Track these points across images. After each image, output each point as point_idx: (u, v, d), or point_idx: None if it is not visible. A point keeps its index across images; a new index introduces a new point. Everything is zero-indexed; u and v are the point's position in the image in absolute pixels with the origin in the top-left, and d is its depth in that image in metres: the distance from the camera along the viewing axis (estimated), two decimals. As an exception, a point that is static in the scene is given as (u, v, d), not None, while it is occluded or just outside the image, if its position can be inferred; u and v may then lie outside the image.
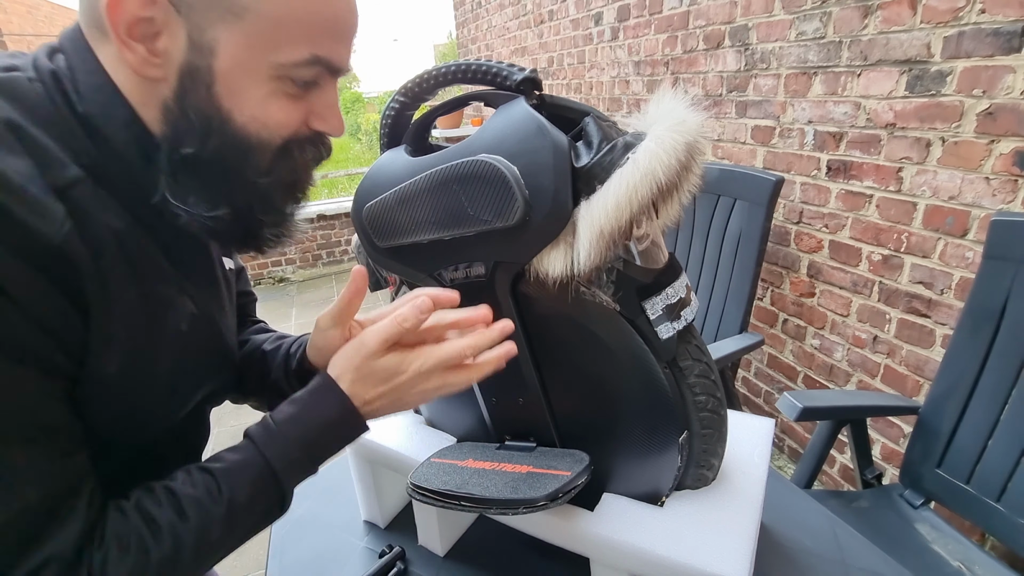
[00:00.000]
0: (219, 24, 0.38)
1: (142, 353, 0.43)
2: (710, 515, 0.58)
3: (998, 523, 0.98)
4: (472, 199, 0.54)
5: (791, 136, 1.64)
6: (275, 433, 0.46)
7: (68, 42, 0.42)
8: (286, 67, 0.41)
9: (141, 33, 0.38)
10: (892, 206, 1.38)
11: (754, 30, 1.69)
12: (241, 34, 0.38)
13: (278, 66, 0.40)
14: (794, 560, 0.68)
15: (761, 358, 1.95)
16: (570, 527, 0.59)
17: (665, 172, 0.46)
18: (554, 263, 0.51)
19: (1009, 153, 1.12)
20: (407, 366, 0.48)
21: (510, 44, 3.77)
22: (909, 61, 1.28)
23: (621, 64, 2.45)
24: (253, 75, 0.40)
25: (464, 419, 0.71)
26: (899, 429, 1.47)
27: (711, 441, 0.60)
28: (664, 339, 0.55)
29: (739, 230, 1.58)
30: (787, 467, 1.88)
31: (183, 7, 0.38)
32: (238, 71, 0.40)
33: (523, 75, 0.56)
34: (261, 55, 0.40)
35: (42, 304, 0.35)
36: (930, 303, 1.34)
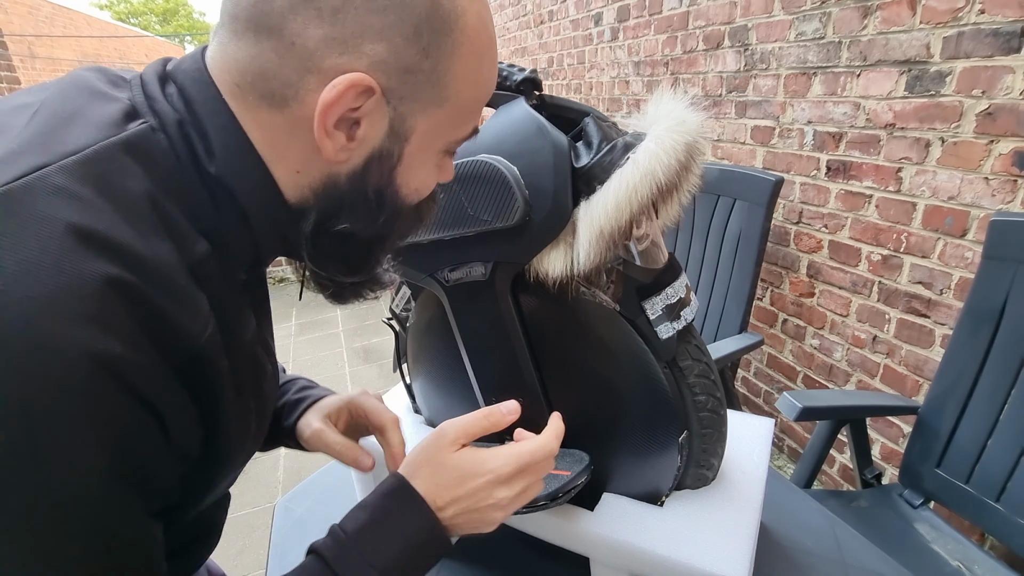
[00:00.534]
0: (420, 113, 0.38)
1: (241, 422, 0.41)
2: (710, 515, 0.59)
3: (997, 523, 0.98)
4: (472, 199, 0.54)
5: (791, 136, 1.64)
6: (340, 541, 0.41)
7: (191, 83, 0.37)
8: (457, 142, 0.42)
9: (344, 121, 0.36)
10: (891, 206, 1.38)
11: (754, 30, 1.69)
12: (436, 120, 0.38)
13: (452, 143, 0.41)
14: (794, 560, 0.68)
15: (761, 358, 1.96)
16: (570, 527, 0.59)
17: (665, 172, 0.46)
18: (554, 263, 0.51)
19: (1008, 153, 1.12)
20: (482, 466, 0.45)
21: (510, 44, 3.77)
22: (909, 61, 1.28)
23: (621, 64, 2.45)
24: (432, 153, 0.41)
25: (464, 419, 0.71)
26: (898, 429, 1.48)
27: (711, 441, 0.60)
28: (664, 339, 0.55)
29: (739, 230, 1.58)
30: (787, 467, 1.88)
31: (393, 98, 0.36)
32: (422, 151, 0.40)
33: (523, 75, 0.56)
34: (445, 136, 0.40)
35: (180, 409, 0.33)
36: (929, 303, 1.34)
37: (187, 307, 0.33)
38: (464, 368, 0.65)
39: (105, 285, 0.28)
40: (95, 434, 0.28)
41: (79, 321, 0.27)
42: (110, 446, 0.29)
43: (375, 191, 0.39)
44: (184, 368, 0.33)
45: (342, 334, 3.19)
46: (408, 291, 0.70)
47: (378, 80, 0.35)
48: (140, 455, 0.31)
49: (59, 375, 0.27)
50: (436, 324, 0.66)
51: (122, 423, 0.30)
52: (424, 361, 0.72)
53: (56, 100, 0.35)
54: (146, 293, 0.30)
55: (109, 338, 0.28)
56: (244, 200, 0.38)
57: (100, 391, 0.28)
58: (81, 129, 0.33)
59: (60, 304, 0.27)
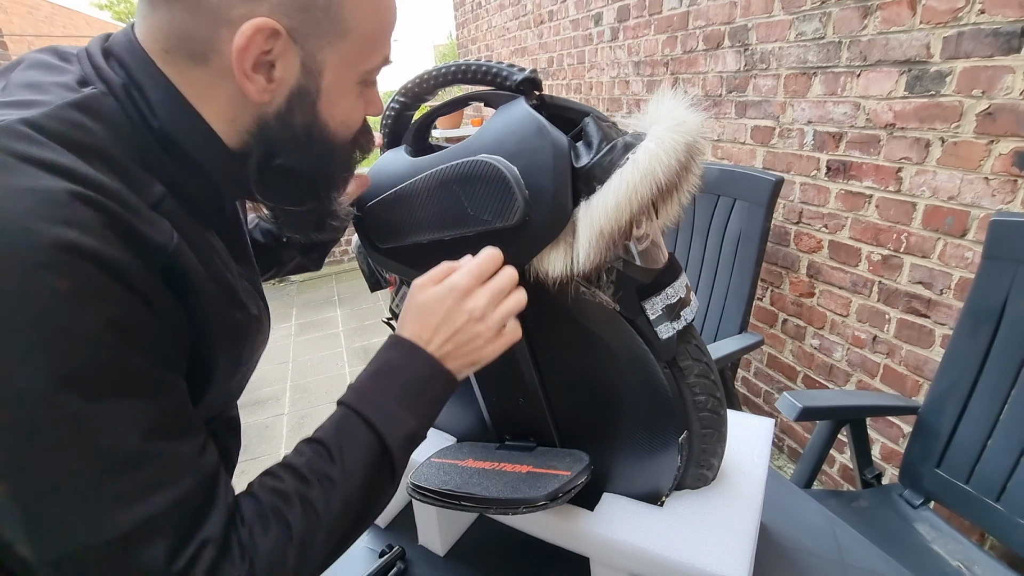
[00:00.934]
0: (327, 47, 0.42)
1: (233, 340, 0.47)
2: (710, 515, 0.59)
3: (997, 523, 0.98)
4: (472, 199, 0.54)
5: (791, 136, 1.64)
6: (355, 388, 0.48)
7: (127, 55, 0.42)
8: (371, 71, 0.45)
9: (260, 64, 0.41)
10: (891, 206, 1.38)
11: (754, 30, 1.69)
12: (341, 53, 0.42)
13: (365, 73, 0.45)
14: (794, 560, 0.68)
15: (761, 358, 1.96)
16: (570, 527, 0.59)
17: (665, 172, 0.46)
18: (554, 263, 0.51)
19: (1008, 153, 1.12)
20: (443, 289, 0.49)
21: (510, 44, 3.77)
22: (909, 61, 1.28)
23: (621, 64, 2.45)
24: (347, 85, 0.44)
25: (464, 419, 0.71)
26: (898, 429, 1.48)
27: (711, 441, 0.60)
28: (664, 339, 0.55)
29: (739, 230, 1.58)
30: (787, 467, 1.88)
31: (299, 37, 0.41)
32: (338, 84, 0.44)
33: (523, 75, 0.56)
34: (355, 67, 0.44)
35: (170, 312, 0.39)
36: (929, 303, 1.34)
37: (149, 223, 0.38)
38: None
39: (73, 197, 0.33)
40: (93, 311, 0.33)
41: (54, 222, 0.32)
42: (102, 318, 0.33)
43: (302, 127, 0.44)
44: (163, 274, 0.38)
45: (342, 334, 3.19)
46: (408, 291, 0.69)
47: (281, 22, 0.39)
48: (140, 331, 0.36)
49: (42, 260, 0.31)
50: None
51: (112, 300, 0.34)
52: (424, 361, 0.72)
53: (18, 76, 0.41)
54: (110, 207, 0.35)
55: (84, 235, 0.33)
56: (190, 150, 0.43)
57: (82, 271, 0.33)
58: (40, 95, 0.38)
59: (33, 213, 0.32)
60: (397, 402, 0.47)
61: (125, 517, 0.34)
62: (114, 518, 0.33)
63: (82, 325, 0.32)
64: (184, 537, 0.36)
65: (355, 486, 0.44)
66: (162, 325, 0.38)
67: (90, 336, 0.33)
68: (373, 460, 0.45)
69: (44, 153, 0.34)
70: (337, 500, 0.42)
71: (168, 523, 0.35)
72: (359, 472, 0.44)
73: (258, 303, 0.54)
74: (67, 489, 0.33)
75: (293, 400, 2.51)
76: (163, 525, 0.35)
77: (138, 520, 0.34)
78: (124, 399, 0.34)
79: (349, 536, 0.45)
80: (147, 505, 0.34)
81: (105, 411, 0.33)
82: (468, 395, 0.67)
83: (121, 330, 0.34)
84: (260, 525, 0.40)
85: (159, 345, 0.37)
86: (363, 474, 0.44)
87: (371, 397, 0.47)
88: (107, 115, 0.40)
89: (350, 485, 0.43)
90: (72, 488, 0.33)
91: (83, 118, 0.38)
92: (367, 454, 0.45)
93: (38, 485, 0.32)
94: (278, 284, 4.08)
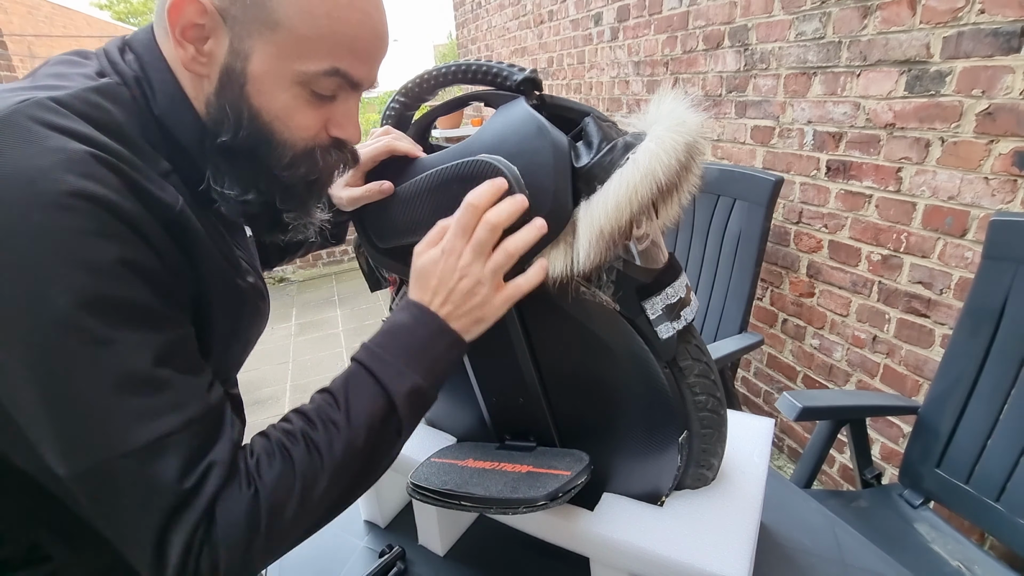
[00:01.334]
0: (256, 35, 0.44)
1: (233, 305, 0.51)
2: (710, 515, 0.59)
3: (997, 523, 0.98)
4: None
5: (791, 136, 1.64)
6: (367, 346, 0.50)
7: (140, 45, 0.48)
8: (308, 75, 0.46)
9: (193, 36, 0.45)
10: (891, 206, 1.38)
11: (754, 30, 1.69)
12: (273, 44, 0.44)
13: (301, 74, 0.45)
14: (794, 560, 0.68)
15: (761, 358, 1.96)
16: (570, 527, 0.59)
17: (665, 172, 0.46)
18: (554, 263, 0.51)
19: (1008, 153, 1.12)
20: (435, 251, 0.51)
21: (510, 44, 3.77)
22: (908, 61, 1.28)
23: (621, 64, 2.45)
24: (280, 80, 0.46)
25: (464, 419, 0.71)
26: (898, 429, 1.48)
27: (711, 441, 0.60)
28: (664, 339, 0.55)
29: (739, 230, 1.58)
30: (787, 467, 1.88)
31: (229, 18, 0.44)
32: (268, 75, 0.45)
33: (523, 75, 0.56)
34: (287, 63, 0.45)
35: (176, 265, 0.43)
36: (929, 303, 1.34)
37: (159, 186, 0.43)
38: (464, 368, 0.65)
39: (92, 157, 0.38)
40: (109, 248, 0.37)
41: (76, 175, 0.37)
42: (116, 255, 0.37)
43: (232, 106, 0.46)
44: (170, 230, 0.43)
45: (342, 334, 3.18)
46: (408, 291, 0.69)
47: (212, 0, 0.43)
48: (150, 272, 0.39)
49: (65, 203, 0.36)
50: (436, 324, 0.66)
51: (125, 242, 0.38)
52: (424, 361, 0.72)
53: (45, 70, 0.47)
54: (124, 168, 0.40)
55: (100, 187, 0.37)
56: (179, 134, 0.48)
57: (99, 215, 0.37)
58: (65, 82, 0.44)
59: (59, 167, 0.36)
60: (403, 359, 0.49)
61: (140, 433, 0.37)
62: (131, 433, 0.37)
63: (100, 259, 0.37)
64: (194, 457, 0.39)
65: (360, 436, 0.46)
66: (169, 273, 0.41)
67: (106, 269, 0.37)
68: (378, 412, 0.47)
69: (68, 123, 0.39)
70: (341, 445, 0.45)
71: (179, 443, 0.39)
72: (364, 422, 0.46)
73: (255, 277, 0.57)
74: (89, 402, 0.37)
75: (293, 400, 2.51)
76: (174, 444, 0.38)
77: (152, 437, 0.37)
78: (137, 329, 0.38)
79: (352, 489, 0.47)
80: (160, 423, 0.38)
81: (121, 336, 0.37)
82: (468, 395, 0.67)
83: (133, 267, 0.38)
84: (267, 457, 0.43)
85: (167, 288, 0.41)
86: (368, 424, 0.46)
87: (379, 353, 0.49)
88: (122, 101, 0.45)
89: (354, 434, 0.45)
90: (93, 402, 0.37)
91: (101, 100, 0.43)
92: (372, 406, 0.47)
93: (65, 396, 0.36)
94: (277, 284, 4.08)
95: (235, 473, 0.41)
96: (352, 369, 0.49)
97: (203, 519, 0.38)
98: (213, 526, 0.39)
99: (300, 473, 0.43)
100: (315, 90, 0.47)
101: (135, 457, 0.37)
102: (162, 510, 0.37)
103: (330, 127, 0.50)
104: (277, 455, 0.43)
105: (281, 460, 0.43)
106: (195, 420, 0.40)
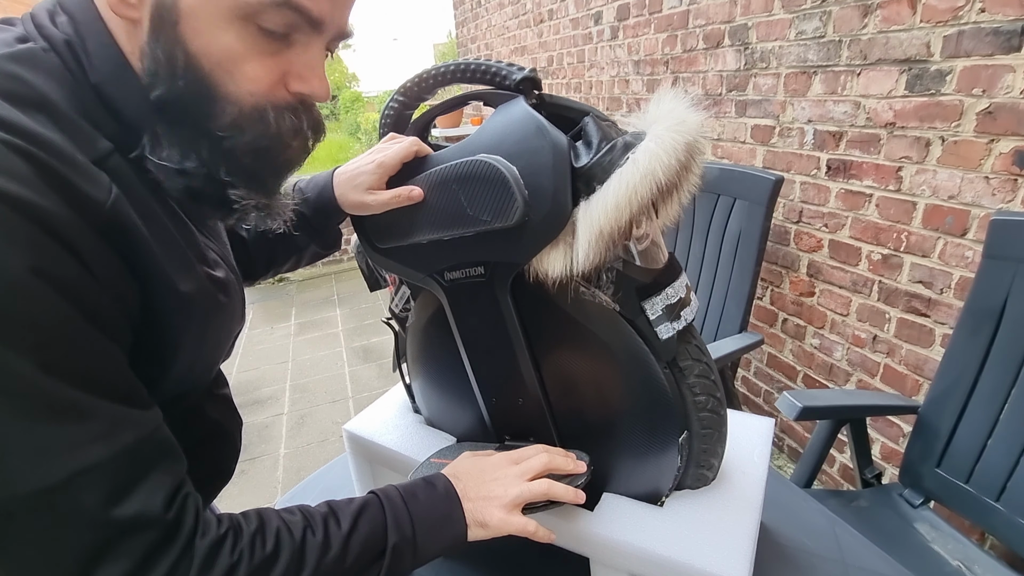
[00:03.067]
0: None
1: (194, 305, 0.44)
2: (710, 515, 0.58)
3: (997, 522, 0.98)
4: (471, 199, 0.54)
5: (791, 135, 1.64)
6: (391, 495, 0.50)
7: (74, 4, 0.41)
8: (251, 7, 0.38)
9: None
10: (892, 205, 1.38)
11: (754, 29, 1.69)
12: None
13: (243, 5, 0.38)
14: (794, 560, 0.68)
15: (761, 357, 1.95)
16: (570, 527, 0.59)
17: (665, 172, 0.46)
18: (553, 263, 0.51)
19: (1009, 152, 1.12)
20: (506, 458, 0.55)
21: (510, 43, 3.77)
22: (909, 60, 1.28)
23: (621, 63, 2.45)
24: (218, 15, 0.38)
25: (464, 419, 0.71)
26: (899, 428, 1.48)
27: (711, 441, 0.60)
28: (664, 339, 0.55)
29: (739, 229, 1.58)
30: (787, 467, 1.88)
31: None
32: (202, 9, 0.38)
33: (522, 74, 0.55)
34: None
35: (106, 267, 0.36)
36: (930, 302, 1.34)
37: (87, 178, 0.36)
38: (464, 368, 0.64)
39: (3, 145, 0.32)
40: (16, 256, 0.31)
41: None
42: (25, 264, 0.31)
43: (165, 52, 0.39)
44: (103, 231, 0.36)
45: (342, 334, 3.18)
46: (407, 291, 0.69)
47: None
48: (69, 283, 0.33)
49: None
50: (436, 324, 0.66)
51: (37, 248, 0.32)
52: (424, 361, 0.72)
53: None
54: (42, 157, 0.33)
55: (10, 182, 0.31)
56: (121, 104, 0.40)
57: (5, 217, 0.31)
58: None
59: None
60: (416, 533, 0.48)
61: (54, 468, 0.32)
62: (43, 468, 0.32)
63: (3, 270, 0.31)
64: (115, 499, 0.34)
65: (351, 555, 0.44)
66: (98, 284, 0.35)
67: (12, 282, 0.31)
68: (371, 550, 0.46)
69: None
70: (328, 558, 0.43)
71: (103, 476, 0.34)
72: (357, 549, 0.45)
73: (226, 270, 0.51)
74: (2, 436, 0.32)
75: (293, 400, 2.51)
76: (97, 477, 0.34)
77: (69, 472, 0.33)
78: (51, 349, 0.32)
79: None
80: (81, 455, 0.33)
81: (31, 360, 0.32)
82: (468, 395, 0.66)
83: (47, 278, 0.32)
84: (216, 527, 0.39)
85: (92, 302, 0.35)
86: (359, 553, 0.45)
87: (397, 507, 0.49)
88: (47, 68, 0.38)
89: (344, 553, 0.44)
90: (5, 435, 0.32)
91: (20, 69, 0.36)
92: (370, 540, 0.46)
93: None
94: (277, 283, 4.07)
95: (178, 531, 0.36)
96: (367, 512, 0.48)
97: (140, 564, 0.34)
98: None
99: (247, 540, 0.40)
100: (264, 27, 0.39)
101: (48, 494, 0.32)
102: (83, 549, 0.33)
103: (290, 81, 0.42)
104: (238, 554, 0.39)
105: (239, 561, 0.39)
106: (126, 451, 0.35)
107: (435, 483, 0.52)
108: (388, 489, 0.51)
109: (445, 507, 0.51)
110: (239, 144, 0.42)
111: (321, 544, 0.43)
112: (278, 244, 0.70)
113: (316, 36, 0.42)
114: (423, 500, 0.50)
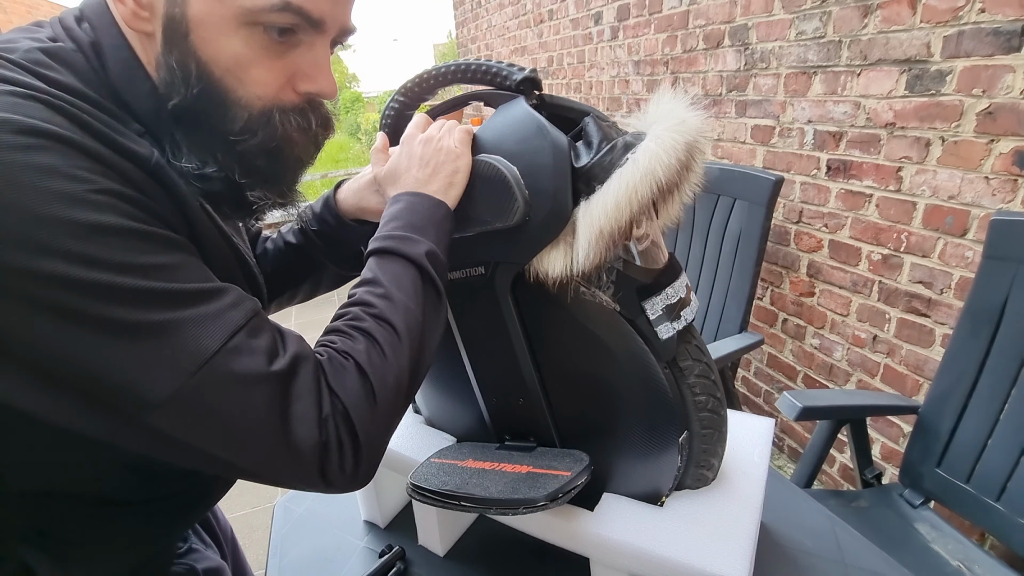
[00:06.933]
0: None
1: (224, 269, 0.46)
2: (710, 515, 0.58)
3: (998, 522, 0.98)
4: (472, 199, 0.54)
5: (791, 136, 1.64)
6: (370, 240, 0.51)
7: (93, 12, 0.43)
8: (255, 11, 0.39)
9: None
10: (892, 206, 1.38)
11: (754, 29, 1.69)
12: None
13: (246, 11, 0.39)
14: (794, 560, 0.68)
15: (761, 358, 1.95)
16: (570, 527, 0.59)
17: (665, 172, 0.46)
18: (554, 263, 0.51)
19: (1009, 152, 1.12)
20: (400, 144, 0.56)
21: (510, 44, 3.77)
22: (909, 60, 1.28)
23: (621, 64, 2.45)
24: (224, 22, 0.40)
25: (464, 419, 0.71)
26: (899, 429, 1.48)
27: (711, 441, 0.60)
28: (664, 339, 0.55)
29: (739, 230, 1.58)
30: (787, 467, 1.88)
31: None
32: (210, 17, 0.39)
33: (523, 75, 0.55)
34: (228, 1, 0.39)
35: (166, 208, 0.40)
36: (930, 302, 1.34)
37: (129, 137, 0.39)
38: (464, 367, 0.64)
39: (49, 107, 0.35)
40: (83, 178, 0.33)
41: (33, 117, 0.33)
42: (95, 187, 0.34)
43: (179, 62, 0.41)
44: (152, 175, 0.39)
45: (342, 334, 3.18)
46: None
47: None
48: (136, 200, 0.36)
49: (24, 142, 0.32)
50: (436, 324, 0.66)
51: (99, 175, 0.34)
52: (424, 361, 0.72)
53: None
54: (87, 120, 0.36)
55: (62, 129, 0.34)
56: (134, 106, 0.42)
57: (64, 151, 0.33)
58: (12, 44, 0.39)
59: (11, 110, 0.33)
60: (402, 231, 0.49)
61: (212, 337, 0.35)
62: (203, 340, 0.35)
63: (79, 190, 0.33)
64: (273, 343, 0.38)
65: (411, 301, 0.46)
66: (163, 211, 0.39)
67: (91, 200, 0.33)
68: (416, 278, 0.47)
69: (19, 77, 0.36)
70: (401, 313, 0.45)
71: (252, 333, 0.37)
72: (409, 289, 0.47)
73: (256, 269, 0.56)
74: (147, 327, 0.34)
75: (293, 400, 2.51)
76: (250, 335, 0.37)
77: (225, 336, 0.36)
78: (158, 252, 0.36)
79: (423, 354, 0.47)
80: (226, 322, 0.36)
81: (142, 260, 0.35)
82: (468, 395, 0.66)
83: (121, 196, 0.35)
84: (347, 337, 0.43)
85: (164, 221, 0.38)
86: (413, 290, 0.47)
87: (384, 236, 0.50)
88: (74, 66, 0.40)
89: (407, 300, 0.46)
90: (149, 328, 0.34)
91: (51, 62, 0.39)
92: (407, 274, 0.47)
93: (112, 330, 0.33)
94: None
95: (324, 350, 0.41)
96: (371, 261, 0.49)
97: (318, 390, 0.38)
98: (335, 397, 0.38)
99: (383, 342, 0.43)
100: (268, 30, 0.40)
101: (218, 361, 0.35)
102: (271, 399, 0.36)
103: (297, 81, 0.44)
104: (355, 333, 0.43)
105: (362, 335, 0.43)
106: (257, 312, 0.39)
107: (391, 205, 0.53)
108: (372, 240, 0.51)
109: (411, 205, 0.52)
110: (251, 147, 0.44)
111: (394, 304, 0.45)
112: (293, 259, 0.71)
113: (319, 35, 0.43)
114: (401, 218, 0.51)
